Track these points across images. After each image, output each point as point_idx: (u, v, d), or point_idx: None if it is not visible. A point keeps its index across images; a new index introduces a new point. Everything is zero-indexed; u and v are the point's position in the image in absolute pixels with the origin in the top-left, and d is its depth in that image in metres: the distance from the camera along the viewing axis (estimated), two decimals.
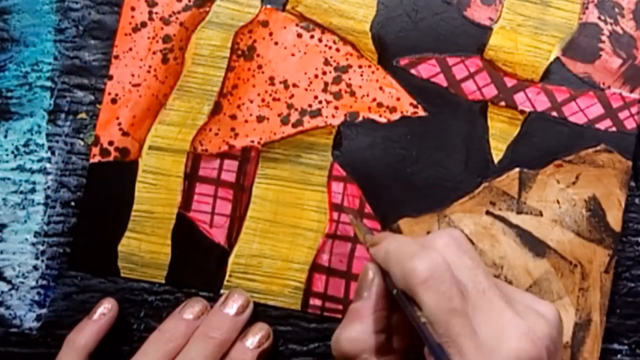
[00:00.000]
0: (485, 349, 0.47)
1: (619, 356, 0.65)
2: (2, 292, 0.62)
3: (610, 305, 0.64)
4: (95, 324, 0.60)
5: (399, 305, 0.52)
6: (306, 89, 0.63)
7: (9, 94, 0.62)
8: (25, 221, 0.62)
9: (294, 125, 0.63)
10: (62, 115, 0.62)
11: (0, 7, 0.62)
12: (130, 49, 0.63)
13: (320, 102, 0.63)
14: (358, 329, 0.52)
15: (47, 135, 0.62)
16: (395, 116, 0.64)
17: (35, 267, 0.62)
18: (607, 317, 0.64)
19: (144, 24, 0.63)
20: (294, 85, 0.63)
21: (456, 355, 0.47)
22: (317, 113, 0.63)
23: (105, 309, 0.61)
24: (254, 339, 0.61)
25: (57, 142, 0.62)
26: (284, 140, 0.63)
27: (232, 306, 0.61)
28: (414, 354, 0.52)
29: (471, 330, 0.48)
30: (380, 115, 0.64)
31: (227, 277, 0.63)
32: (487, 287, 0.50)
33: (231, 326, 0.60)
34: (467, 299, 0.49)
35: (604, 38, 0.64)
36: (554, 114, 0.64)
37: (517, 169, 0.64)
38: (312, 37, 0.64)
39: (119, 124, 0.62)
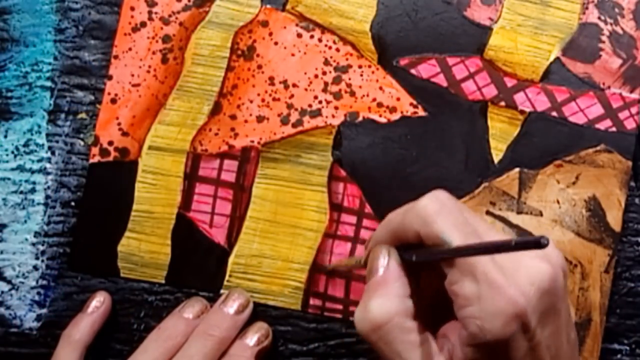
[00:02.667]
0: (505, 271, 0.48)
1: (619, 356, 0.65)
2: (2, 292, 0.62)
3: (610, 305, 0.64)
4: (90, 317, 0.61)
5: (411, 275, 0.52)
6: (306, 89, 0.63)
7: (9, 94, 0.62)
8: (25, 221, 0.62)
9: (294, 125, 0.63)
10: (62, 115, 0.62)
11: (0, 7, 0.62)
12: (130, 49, 0.63)
13: (320, 102, 0.63)
14: (385, 295, 0.51)
15: (47, 135, 0.62)
16: (395, 116, 0.64)
17: (36, 267, 0.62)
18: (607, 317, 0.64)
19: (143, 24, 0.63)
20: (294, 85, 0.63)
21: (481, 275, 0.48)
22: (317, 113, 0.63)
23: (99, 302, 0.61)
24: (254, 337, 0.61)
25: (57, 142, 0.62)
26: (284, 140, 0.63)
27: (232, 305, 0.61)
28: (440, 319, 0.53)
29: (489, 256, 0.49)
30: (380, 115, 0.64)
31: (227, 277, 0.63)
32: (487, 226, 0.52)
33: (231, 325, 0.60)
34: (477, 232, 0.51)
35: (604, 38, 0.64)
36: (554, 114, 0.64)
37: (517, 169, 0.64)
38: (312, 37, 0.64)
39: (119, 124, 0.62)
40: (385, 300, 0.51)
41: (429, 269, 0.53)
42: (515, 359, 0.48)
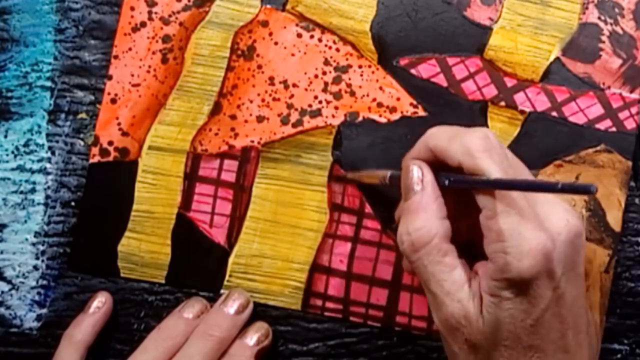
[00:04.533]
0: (538, 214, 0.50)
1: (619, 356, 0.65)
2: (2, 292, 0.62)
3: (610, 305, 0.64)
4: (91, 318, 0.61)
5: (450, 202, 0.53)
6: (306, 89, 0.63)
7: (9, 94, 0.62)
8: (26, 221, 0.62)
9: (294, 125, 0.63)
10: (62, 115, 0.63)
11: (0, 7, 0.62)
12: (130, 49, 0.63)
13: (320, 102, 0.63)
14: (424, 217, 0.52)
15: (47, 135, 0.62)
16: (395, 116, 0.64)
17: (36, 267, 0.62)
18: (607, 317, 0.64)
19: (143, 24, 0.63)
20: (294, 85, 0.63)
21: (515, 214, 0.49)
22: (317, 113, 0.63)
23: (100, 302, 0.61)
24: (254, 337, 0.61)
25: (57, 142, 0.62)
26: (284, 140, 0.63)
27: (232, 305, 0.61)
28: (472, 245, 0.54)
29: (525, 199, 0.50)
30: (380, 115, 0.64)
31: (227, 277, 0.63)
32: (526, 174, 0.54)
33: (231, 325, 0.60)
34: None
35: (604, 38, 0.64)
36: (554, 114, 0.64)
37: None
38: (312, 37, 0.64)
39: (119, 124, 0.62)
40: (426, 221, 0.52)
41: (461, 196, 0.53)
42: (539, 306, 0.49)
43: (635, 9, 0.64)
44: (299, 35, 0.63)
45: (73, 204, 0.62)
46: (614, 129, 0.64)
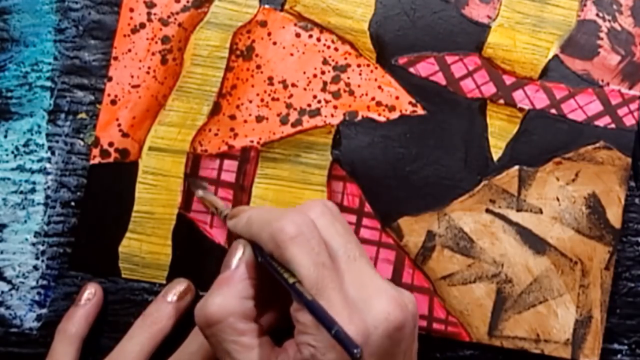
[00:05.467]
0: (354, 306, 0.49)
1: (619, 356, 0.65)
2: (2, 292, 0.62)
3: (611, 305, 0.64)
4: (83, 310, 0.61)
5: (266, 277, 0.53)
6: (305, 89, 0.63)
7: (9, 94, 0.62)
8: (26, 221, 0.62)
9: (293, 125, 0.63)
10: (62, 115, 0.63)
11: (0, 7, 0.63)
12: (129, 50, 0.63)
13: (319, 101, 0.63)
14: (225, 294, 0.52)
15: (47, 135, 0.63)
16: (395, 115, 0.64)
17: (36, 267, 0.62)
18: (607, 317, 0.64)
19: (142, 25, 0.63)
20: (293, 85, 0.63)
21: (325, 306, 0.48)
22: (316, 112, 0.63)
23: (90, 294, 0.61)
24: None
25: (57, 142, 0.63)
26: (283, 140, 0.63)
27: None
28: (281, 324, 0.54)
29: (339, 285, 0.49)
30: (379, 114, 0.64)
31: None
32: (358, 255, 0.52)
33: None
34: (337, 263, 0.51)
35: (602, 35, 0.65)
36: (553, 111, 0.64)
37: (516, 167, 0.64)
38: (310, 36, 0.64)
39: (119, 125, 0.63)
40: (224, 299, 0.52)
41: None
42: None
43: (633, 6, 0.64)
44: (298, 35, 0.64)
45: (73, 204, 0.63)
46: (613, 125, 0.64)
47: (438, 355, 0.64)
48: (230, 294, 0.52)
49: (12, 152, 0.62)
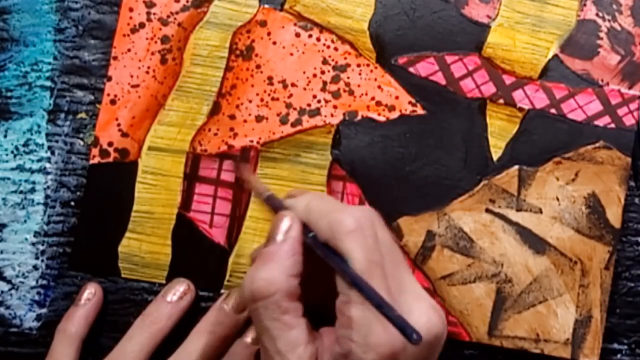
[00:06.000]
0: (397, 308, 0.49)
1: (619, 356, 0.65)
2: (2, 292, 0.62)
3: (611, 305, 0.64)
4: (83, 310, 0.61)
5: (311, 257, 0.53)
6: (305, 89, 0.63)
7: (9, 94, 0.62)
8: (26, 221, 0.62)
9: (293, 125, 0.63)
10: (62, 115, 0.63)
11: (0, 7, 0.63)
12: (129, 50, 0.63)
13: (319, 101, 0.63)
14: (274, 269, 0.52)
15: (47, 135, 0.62)
16: (395, 115, 0.64)
17: (36, 267, 0.62)
18: (607, 317, 0.64)
19: (142, 25, 0.63)
20: (293, 85, 0.63)
21: (372, 309, 0.48)
22: (316, 112, 0.63)
23: (90, 294, 0.61)
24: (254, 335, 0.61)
25: (57, 142, 0.63)
26: (283, 140, 0.63)
27: (229, 303, 0.61)
28: (321, 307, 0.53)
29: (387, 286, 0.49)
30: (380, 114, 0.64)
31: (227, 277, 0.63)
32: (401, 261, 0.53)
33: (233, 323, 0.60)
34: (384, 267, 0.51)
35: (602, 35, 0.65)
36: (553, 111, 0.64)
37: (516, 167, 0.64)
38: (310, 36, 0.64)
39: (119, 125, 0.63)
40: (273, 274, 0.52)
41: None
42: None
43: (633, 6, 0.64)
44: (298, 35, 0.64)
45: (73, 204, 0.62)
46: (613, 125, 0.64)
47: (439, 355, 0.64)
48: (279, 271, 0.52)
49: (12, 152, 0.62)
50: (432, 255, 0.63)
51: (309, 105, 0.63)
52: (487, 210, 0.64)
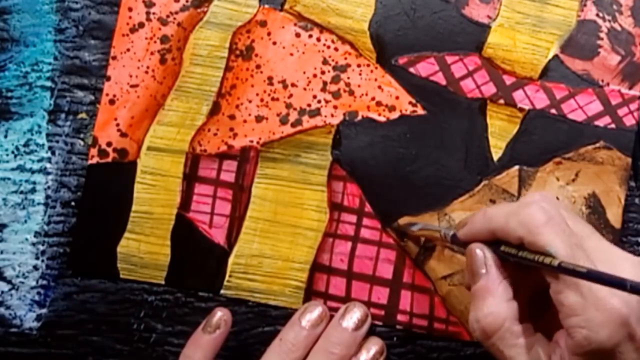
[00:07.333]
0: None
1: None
2: (2, 292, 0.62)
3: None
4: (210, 337, 0.60)
5: (515, 274, 0.54)
6: (305, 89, 0.63)
7: (9, 94, 0.62)
8: (26, 221, 0.62)
9: (293, 125, 0.63)
10: (62, 115, 0.63)
11: (0, 7, 0.62)
12: (128, 50, 0.63)
13: (319, 101, 0.63)
14: (492, 302, 0.53)
15: (47, 135, 0.62)
16: (395, 115, 0.64)
17: (36, 267, 0.62)
18: None
19: (141, 25, 0.63)
20: (293, 85, 0.63)
21: (584, 287, 0.49)
22: (316, 112, 0.63)
23: (221, 320, 0.60)
24: (369, 354, 0.60)
25: (57, 142, 0.62)
26: (283, 140, 0.63)
27: (350, 320, 0.60)
28: (541, 320, 0.54)
29: (592, 262, 0.50)
30: (380, 114, 0.64)
31: (227, 278, 0.63)
32: (590, 231, 0.54)
33: (351, 341, 0.60)
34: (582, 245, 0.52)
35: (602, 35, 0.65)
36: (553, 111, 0.64)
37: (516, 167, 0.64)
38: (310, 36, 0.64)
39: (117, 125, 0.62)
40: (494, 306, 0.53)
41: (526, 269, 0.54)
42: None
43: (633, 6, 0.64)
44: (298, 35, 0.64)
45: (73, 204, 0.62)
46: (613, 125, 0.64)
47: (439, 355, 0.64)
48: (497, 300, 0.53)
49: (12, 152, 0.62)
50: (433, 255, 0.63)
51: (309, 105, 0.63)
52: None
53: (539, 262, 0.50)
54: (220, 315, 0.60)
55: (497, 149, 0.64)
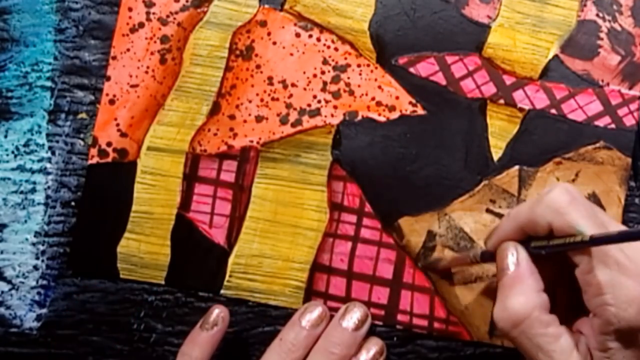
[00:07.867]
0: (636, 260, 0.50)
1: None
2: (2, 292, 0.62)
3: None
4: (208, 334, 0.60)
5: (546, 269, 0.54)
6: (305, 89, 0.63)
7: (9, 94, 0.62)
8: (26, 221, 0.62)
9: (293, 125, 0.63)
10: (62, 115, 0.63)
11: (0, 7, 0.62)
12: (128, 50, 0.63)
13: (319, 101, 0.63)
14: (522, 290, 0.53)
15: (47, 135, 0.62)
16: (395, 115, 0.64)
17: (36, 267, 0.62)
18: None
19: (141, 25, 0.63)
20: (293, 85, 0.63)
21: (613, 264, 0.49)
22: (316, 112, 0.63)
23: (218, 317, 0.60)
24: (369, 354, 0.60)
25: (57, 142, 0.62)
26: (283, 140, 0.63)
27: (351, 320, 0.60)
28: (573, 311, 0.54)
29: (619, 246, 0.50)
30: (380, 114, 0.64)
31: (227, 278, 0.63)
32: (607, 220, 0.54)
33: (351, 341, 0.60)
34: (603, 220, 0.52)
35: (602, 35, 0.65)
36: (553, 111, 0.64)
37: (516, 167, 0.64)
38: (310, 36, 0.64)
39: (117, 125, 0.62)
40: (523, 295, 0.53)
41: (554, 263, 0.54)
42: None
43: (633, 6, 0.65)
44: (298, 35, 0.64)
45: (73, 204, 0.62)
46: (613, 125, 0.64)
47: (439, 355, 0.64)
48: (527, 290, 0.53)
49: (13, 152, 0.62)
50: (433, 255, 0.63)
51: (309, 105, 0.63)
52: (488, 210, 0.64)
53: (571, 243, 0.51)
54: (218, 312, 0.60)
55: (497, 149, 0.64)
